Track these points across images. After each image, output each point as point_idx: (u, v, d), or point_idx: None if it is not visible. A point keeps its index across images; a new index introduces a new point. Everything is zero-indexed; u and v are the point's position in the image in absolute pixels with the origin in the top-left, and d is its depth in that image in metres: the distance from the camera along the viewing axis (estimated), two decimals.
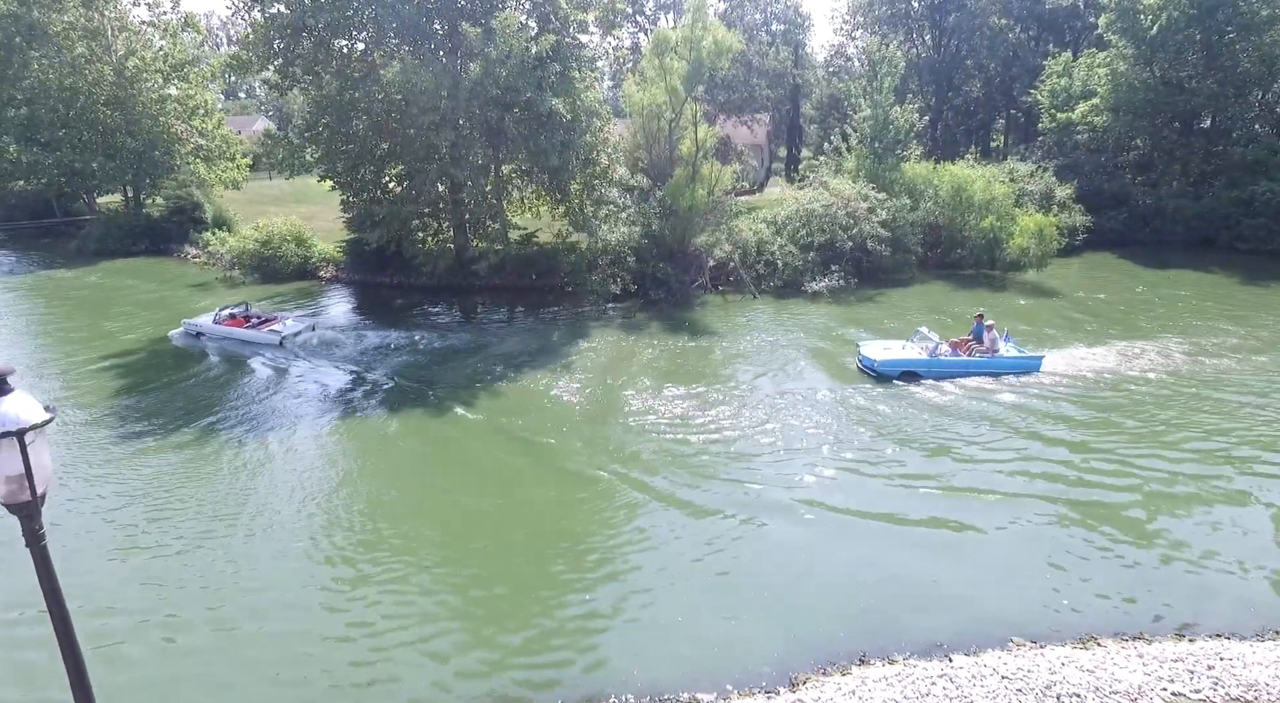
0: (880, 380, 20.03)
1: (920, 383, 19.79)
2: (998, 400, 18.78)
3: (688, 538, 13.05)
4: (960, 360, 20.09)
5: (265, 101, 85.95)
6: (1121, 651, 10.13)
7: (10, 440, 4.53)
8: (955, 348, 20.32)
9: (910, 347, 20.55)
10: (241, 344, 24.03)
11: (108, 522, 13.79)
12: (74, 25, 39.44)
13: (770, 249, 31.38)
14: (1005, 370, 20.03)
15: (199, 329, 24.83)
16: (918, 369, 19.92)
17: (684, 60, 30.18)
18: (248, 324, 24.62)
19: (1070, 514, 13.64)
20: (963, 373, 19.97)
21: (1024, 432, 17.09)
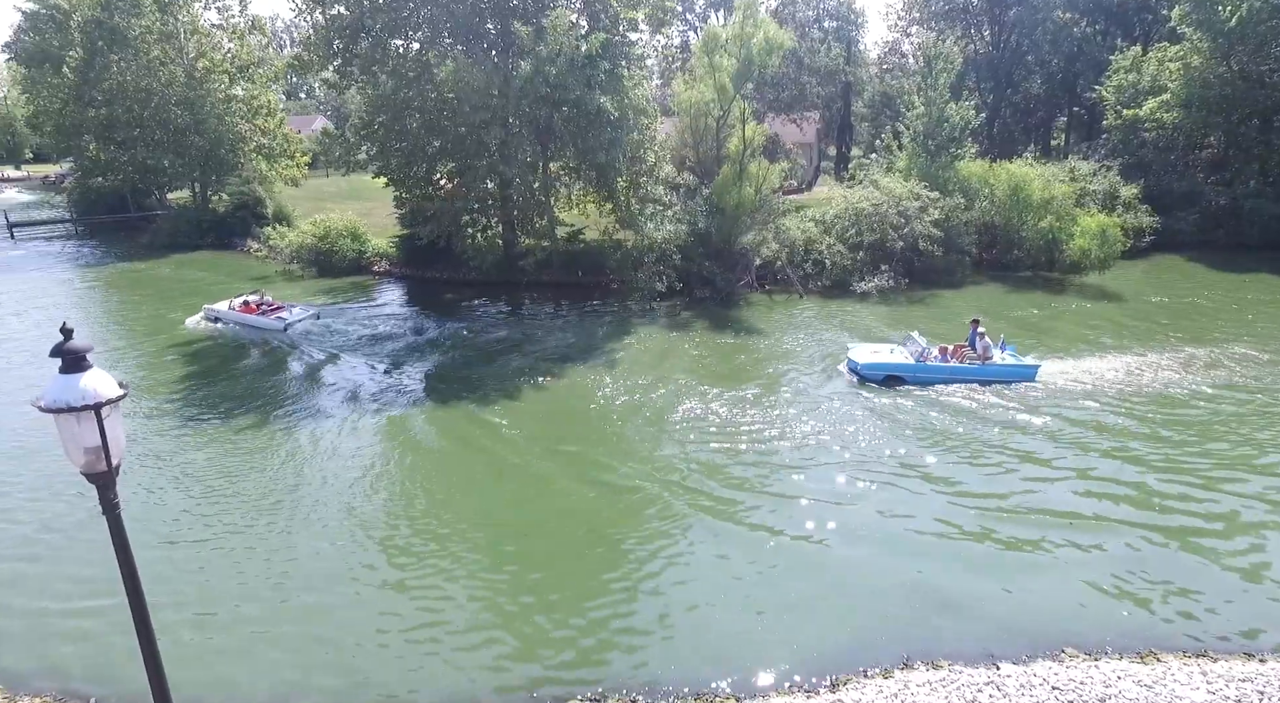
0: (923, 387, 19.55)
1: (965, 392, 19.16)
2: (1041, 410, 18.14)
3: (729, 540, 12.96)
4: (947, 366, 19.59)
5: (324, 101, 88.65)
6: (1184, 668, 9.69)
7: (89, 414, 4.81)
8: (945, 354, 19.84)
9: (899, 351, 20.25)
10: (252, 328, 25.73)
11: (158, 503, 14.43)
12: (150, 29, 41.43)
13: (818, 248, 30.97)
14: (997, 379, 19.41)
15: (216, 314, 26.68)
16: (902, 374, 19.57)
17: (733, 58, 29.99)
18: (258, 311, 26.17)
19: (1129, 527, 13.10)
20: (950, 379, 19.45)
21: (1075, 442, 16.47)
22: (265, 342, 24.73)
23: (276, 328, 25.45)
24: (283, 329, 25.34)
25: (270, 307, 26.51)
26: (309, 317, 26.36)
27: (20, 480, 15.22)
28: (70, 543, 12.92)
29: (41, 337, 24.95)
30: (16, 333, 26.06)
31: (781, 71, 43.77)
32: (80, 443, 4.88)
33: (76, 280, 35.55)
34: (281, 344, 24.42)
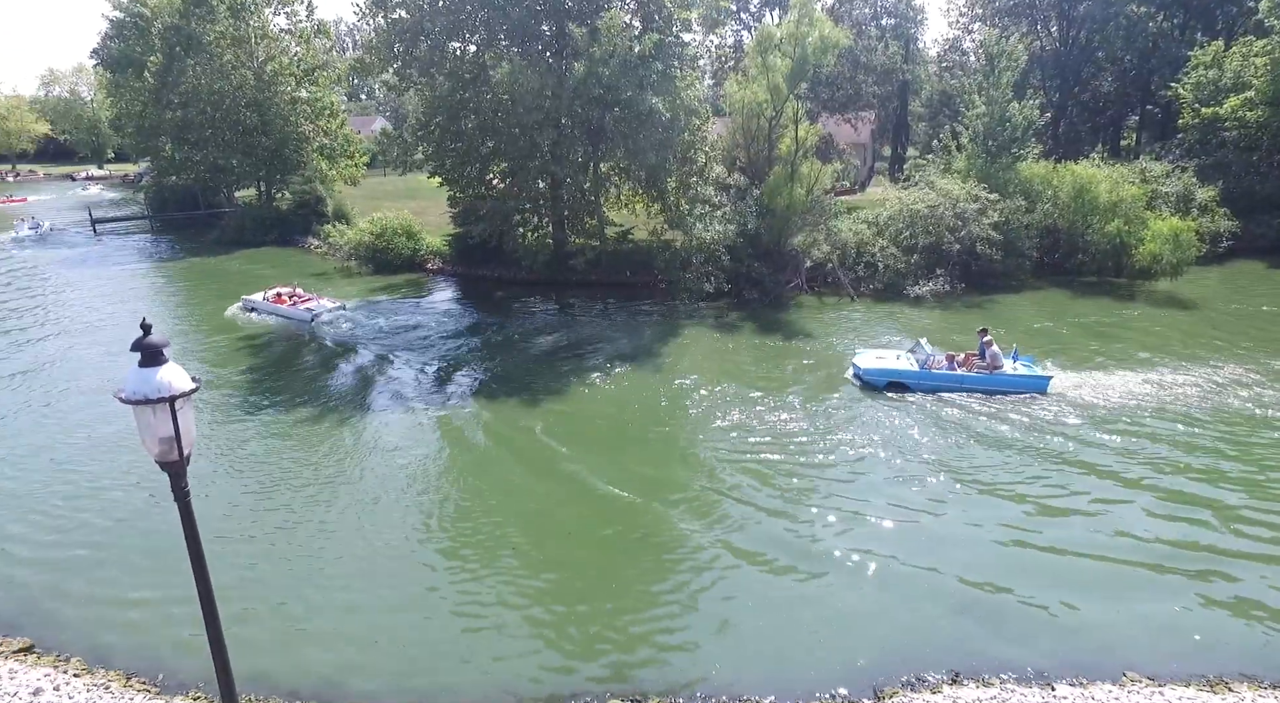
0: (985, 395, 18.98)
1: (1019, 405, 18.47)
2: (1103, 425, 17.39)
3: (774, 547, 12.79)
4: (953, 375, 19.18)
5: (384, 102, 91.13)
6: (1259, 699, 9.18)
7: (163, 405, 5.06)
8: (952, 362, 19.39)
9: (905, 357, 19.91)
10: (283, 318, 27.33)
11: (212, 495, 15.06)
12: (224, 34, 43.31)
13: (870, 250, 30.38)
14: (1005, 389, 18.92)
15: (253, 304, 28.47)
16: (906, 380, 19.31)
17: (787, 57, 29.64)
18: (289, 302, 27.71)
19: (1197, 550, 12.45)
20: (955, 388, 19.07)
21: (1145, 460, 15.74)
22: (318, 337, 25.53)
23: (305, 319, 26.88)
24: (309, 320, 26.72)
25: (300, 298, 28.06)
26: (335, 309, 27.64)
27: (88, 470, 16.05)
28: (130, 530, 13.59)
29: (115, 329, 26.34)
30: (94, 326, 27.52)
31: (836, 70, 43.05)
32: (155, 433, 5.14)
33: (151, 274, 37.41)
34: (334, 340, 25.19)
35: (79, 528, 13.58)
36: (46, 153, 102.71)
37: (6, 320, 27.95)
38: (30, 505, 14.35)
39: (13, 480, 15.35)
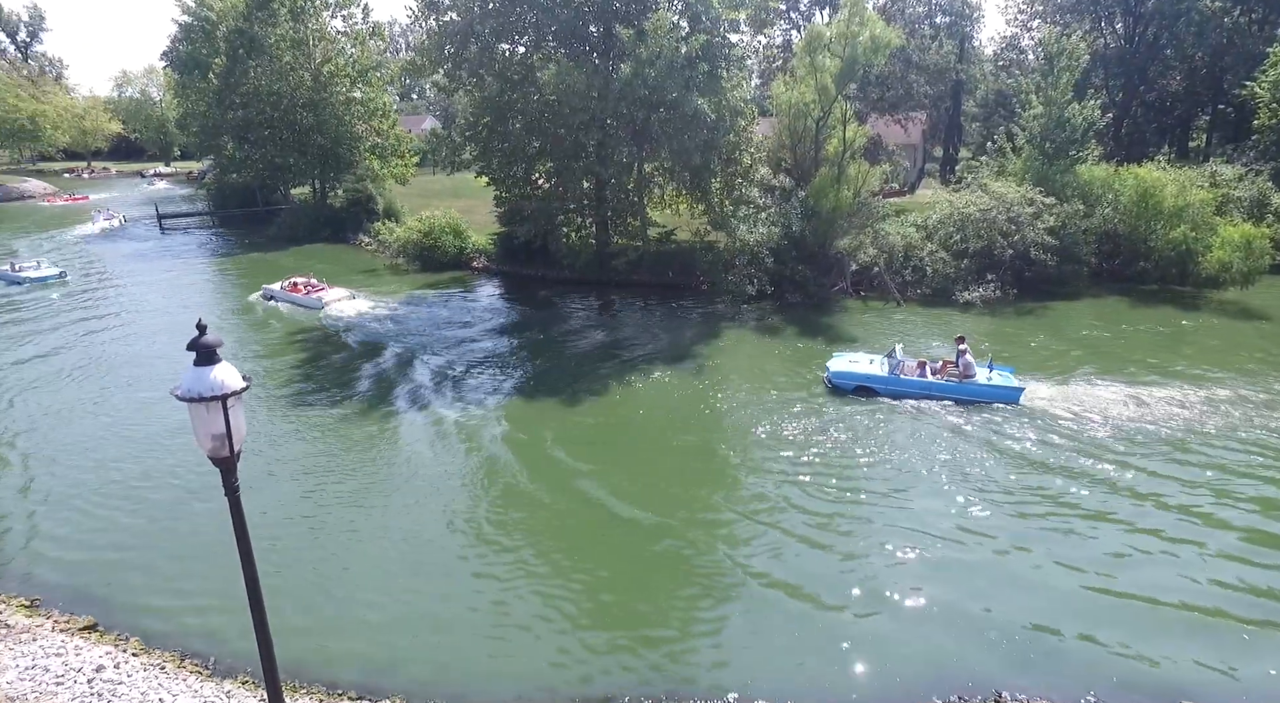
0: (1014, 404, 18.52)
1: (1086, 424, 17.80)
2: (1172, 437, 16.64)
3: (810, 562, 12.54)
4: (921, 381, 18.97)
5: (434, 102, 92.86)
6: None
7: (216, 404, 5.24)
8: (923, 369, 19.16)
9: (878, 362, 19.82)
10: (297, 306, 29.23)
11: (268, 484, 15.57)
12: (284, 37, 44.76)
13: (919, 254, 29.72)
14: (976, 398, 18.62)
15: (270, 293, 30.64)
16: (874, 385, 19.20)
17: (837, 57, 29.17)
18: (303, 291, 29.63)
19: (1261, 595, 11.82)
20: (924, 395, 18.86)
21: (1207, 485, 15.03)
22: (364, 332, 26.15)
23: (316, 306, 28.81)
24: (321, 307, 28.65)
25: (314, 288, 29.93)
26: (345, 297, 29.66)
27: (150, 458, 16.77)
28: (189, 519, 14.13)
29: (173, 324, 27.44)
30: (155, 322, 28.72)
31: (887, 70, 42.16)
32: (208, 430, 5.33)
33: (209, 269, 38.90)
34: (378, 337, 25.76)
35: (141, 514, 14.17)
36: (119, 151, 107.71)
37: (76, 312, 29.36)
38: (94, 492, 15.05)
39: (77, 468, 16.13)
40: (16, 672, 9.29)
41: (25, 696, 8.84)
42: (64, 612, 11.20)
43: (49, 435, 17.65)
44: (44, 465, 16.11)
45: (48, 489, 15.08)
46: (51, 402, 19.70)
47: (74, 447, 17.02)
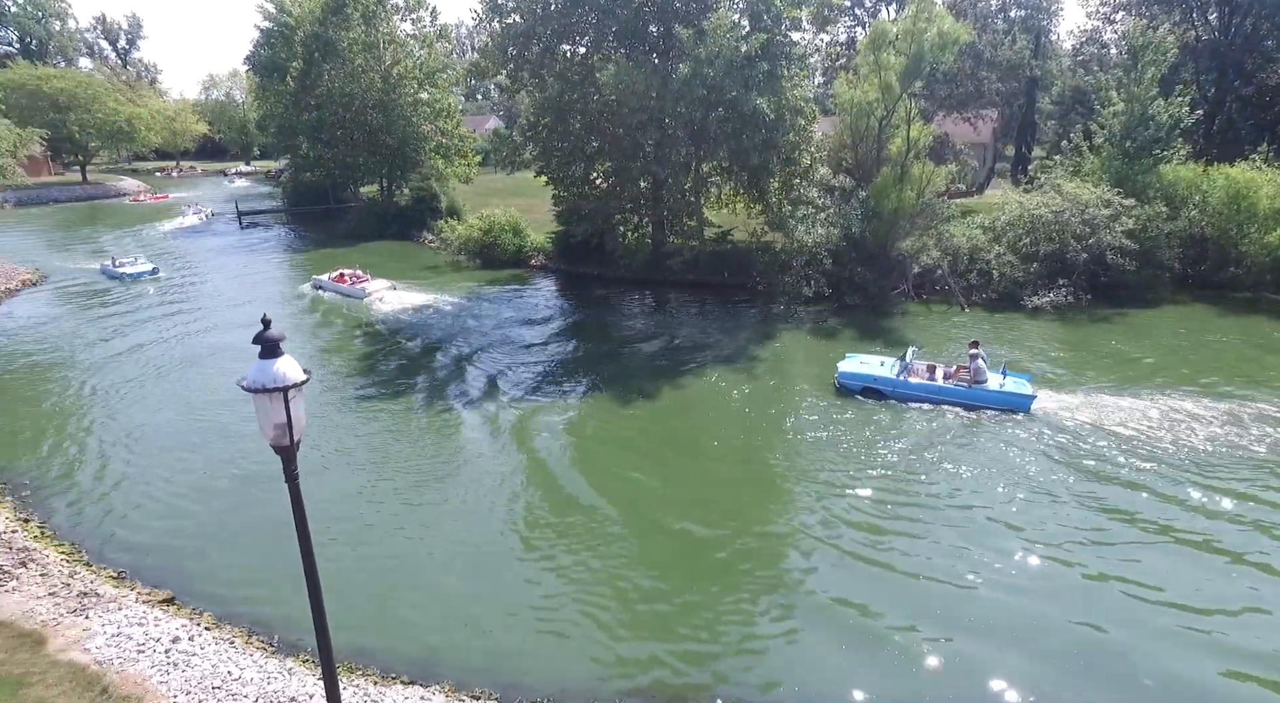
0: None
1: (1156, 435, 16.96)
2: (1249, 458, 15.61)
3: (878, 576, 12.29)
4: (929, 385, 18.73)
5: (498, 103, 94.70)
6: None
7: (278, 395, 5.53)
8: (932, 372, 18.97)
9: (887, 365, 19.64)
10: (343, 295, 31.25)
11: (329, 473, 16.21)
12: (356, 40, 46.46)
13: (985, 257, 28.70)
14: (985, 404, 18.26)
15: (319, 283, 32.85)
16: (881, 387, 19.07)
17: (902, 54, 28.40)
18: (348, 282, 31.66)
19: None
20: (931, 399, 18.64)
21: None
22: (420, 328, 26.91)
23: (360, 296, 30.79)
24: (364, 297, 30.63)
25: (358, 279, 31.94)
26: (385, 288, 31.53)
27: (219, 449, 17.72)
28: (261, 505, 14.86)
29: (248, 317, 28.81)
30: (233, 315, 30.27)
31: (956, 67, 40.77)
32: (271, 419, 5.63)
33: (283, 263, 40.71)
34: (435, 331, 26.47)
35: (218, 497, 15.00)
36: (204, 150, 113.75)
37: (165, 305, 31.19)
38: (177, 473, 16.01)
39: (163, 451, 17.17)
40: (104, 638, 9.98)
41: (111, 660, 9.49)
42: (146, 585, 11.96)
43: (138, 420, 18.84)
44: (132, 447, 17.21)
45: (135, 469, 16.11)
46: (141, 389, 21.02)
47: (161, 431, 18.12)
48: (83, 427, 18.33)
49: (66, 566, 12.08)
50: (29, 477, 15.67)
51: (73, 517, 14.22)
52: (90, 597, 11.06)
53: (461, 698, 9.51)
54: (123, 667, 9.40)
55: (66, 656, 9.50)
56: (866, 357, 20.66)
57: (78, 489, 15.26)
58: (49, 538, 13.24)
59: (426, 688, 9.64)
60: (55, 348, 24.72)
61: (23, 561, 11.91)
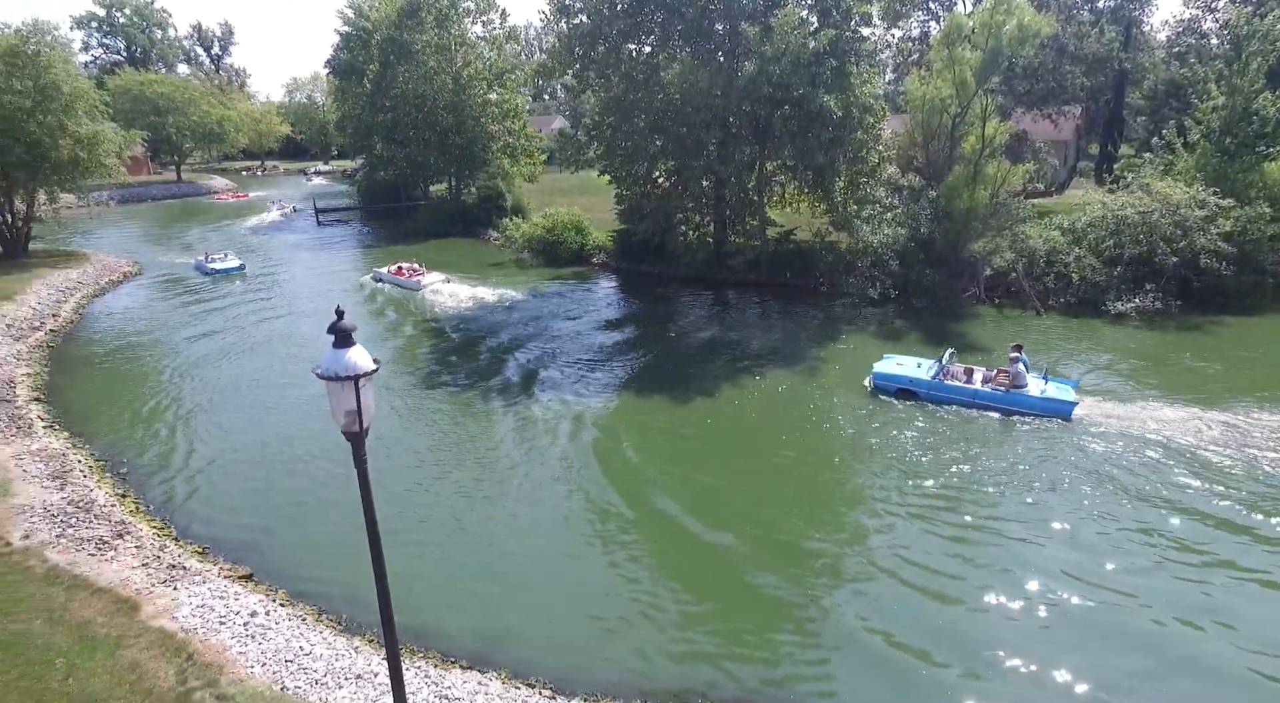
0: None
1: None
2: None
3: (927, 606, 11.81)
4: (965, 389, 18.32)
5: (564, 103, 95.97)
6: None
7: (349, 383, 5.79)
8: (970, 376, 18.58)
9: (924, 366, 19.29)
10: (400, 287, 33.04)
11: (397, 460, 16.79)
12: (430, 43, 47.89)
13: (1064, 260, 27.40)
14: (1023, 409, 17.71)
15: (379, 275, 34.78)
16: (916, 389, 18.73)
17: (978, 49, 27.37)
18: (406, 275, 33.42)
19: None
20: (967, 403, 18.23)
21: None
22: (483, 322, 27.56)
23: (416, 288, 32.54)
24: (419, 289, 32.39)
25: (415, 272, 33.64)
26: (440, 281, 33.26)
27: (298, 435, 18.59)
28: (335, 488, 15.53)
29: (323, 309, 30.10)
30: (310, 306, 31.69)
31: (1037, 61, 39.05)
32: (343, 406, 5.90)
33: (356, 259, 42.36)
34: (497, 325, 27.05)
35: (295, 480, 15.79)
36: (286, 150, 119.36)
37: (250, 299, 32.94)
38: (258, 456, 16.92)
39: (246, 434, 18.18)
40: (190, 608, 10.66)
41: (196, 629, 10.13)
42: (228, 561, 12.68)
43: (220, 405, 19.99)
44: (214, 431, 18.28)
45: (217, 452, 17.10)
46: (223, 376, 22.28)
47: (241, 416, 19.18)
48: (172, 410, 19.57)
49: (157, 539, 12.92)
50: (126, 455, 16.84)
51: (163, 494, 15.20)
52: (178, 570, 11.81)
53: (516, 686, 9.72)
54: (206, 636, 10.01)
55: (157, 623, 10.18)
56: (903, 358, 20.31)
57: (167, 469, 16.30)
58: (142, 513, 14.19)
59: (484, 674, 9.91)
60: (151, 336, 26.46)
61: (120, 533, 12.82)
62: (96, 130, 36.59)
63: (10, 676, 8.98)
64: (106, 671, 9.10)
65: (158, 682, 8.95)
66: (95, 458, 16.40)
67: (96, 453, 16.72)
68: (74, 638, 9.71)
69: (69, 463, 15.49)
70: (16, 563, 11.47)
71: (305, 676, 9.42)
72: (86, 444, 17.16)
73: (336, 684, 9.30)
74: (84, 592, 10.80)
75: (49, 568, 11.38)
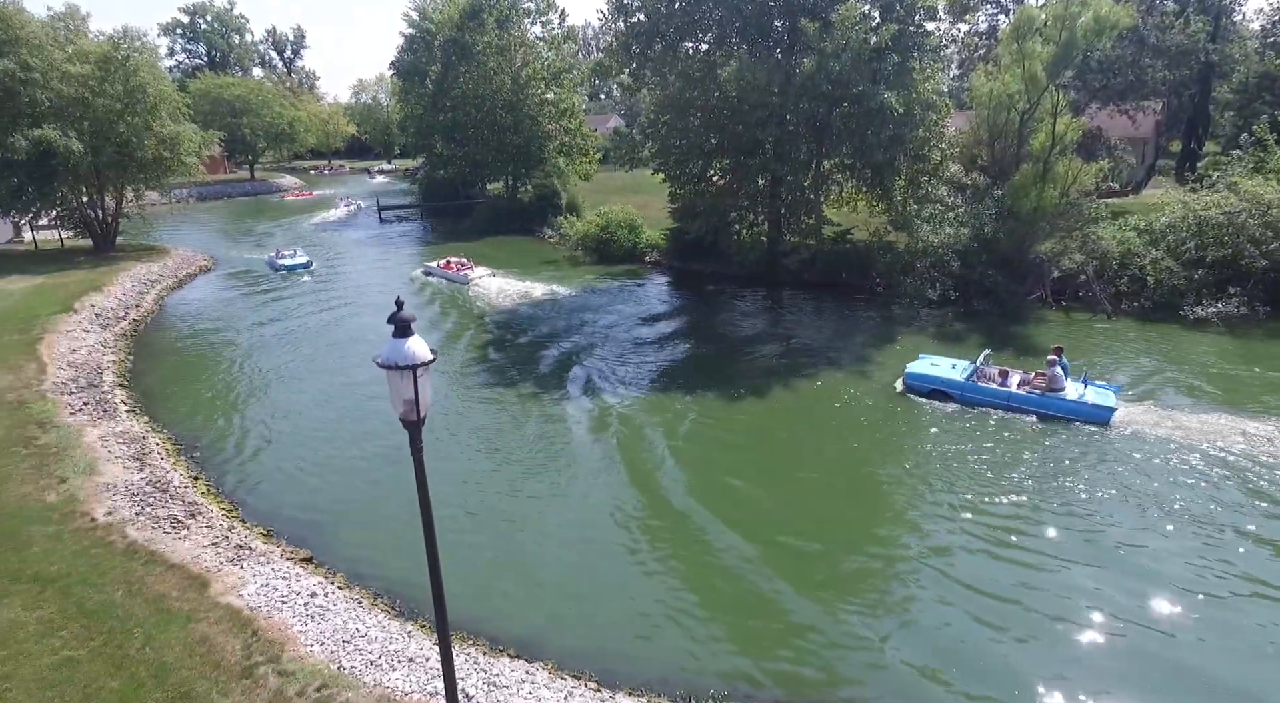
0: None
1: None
2: None
3: (986, 641, 11.50)
4: (999, 391, 18.02)
5: (619, 102, 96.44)
6: None
7: (408, 372, 5.95)
8: (1005, 378, 18.20)
9: (959, 367, 19.02)
10: (449, 281, 34.56)
11: (439, 450, 17.16)
12: (490, 44, 48.81)
13: (1139, 262, 26.10)
14: (1058, 414, 17.24)
15: (429, 269, 36.47)
16: (950, 390, 18.51)
17: (1050, 42, 26.28)
18: (454, 269, 35.00)
19: None
20: (1000, 405, 17.91)
21: None
22: (533, 318, 27.94)
23: (463, 281, 34.05)
24: (466, 282, 33.91)
25: (463, 266, 35.28)
26: (486, 274, 34.87)
27: (357, 422, 19.20)
28: (394, 476, 15.99)
29: (382, 303, 31.00)
30: (372, 299, 32.70)
31: (1114, 54, 37.29)
32: (401, 394, 6.07)
33: (416, 255, 43.51)
34: (547, 321, 27.36)
35: (355, 466, 16.35)
36: (351, 150, 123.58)
37: (317, 293, 34.23)
38: (321, 443, 17.57)
39: (308, 422, 18.91)
40: (255, 587, 11.16)
41: (260, 607, 10.60)
42: (290, 543, 13.21)
43: (284, 394, 20.84)
44: (278, 417, 19.06)
45: (280, 438, 17.84)
46: (288, 365, 23.22)
47: (303, 405, 19.96)
48: (241, 397, 20.51)
49: (225, 520, 13.56)
50: (199, 438, 17.72)
51: (232, 477, 15.94)
52: (244, 550, 12.36)
53: (563, 677, 9.84)
54: (269, 614, 10.45)
55: (225, 599, 10.69)
56: (938, 358, 20.06)
57: (235, 453, 17.09)
58: (212, 495, 14.91)
59: (530, 664, 10.05)
60: (222, 327, 27.77)
61: (192, 512, 13.50)
62: (178, 131, 38.64)
63: (96, 642, 9.57)
64: (179, 642, 9.60)
65: (225, 655, 9.39)
66: (171, 441, 17.31)
67: (172, 436, 17.64)
68: (150, 610, 10.28)
69: (148, 445, 16.38)
70: (100, 538, 12.20)
71: (361, 657, 9.73)
72: (164, 428, 18.13)
73: (390, 667, 9.58)
74: (159, 567, 11.41)
75: (128, 543, 12.07)
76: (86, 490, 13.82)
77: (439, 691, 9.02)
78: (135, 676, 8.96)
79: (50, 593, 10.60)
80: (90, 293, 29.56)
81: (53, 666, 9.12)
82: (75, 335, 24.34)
